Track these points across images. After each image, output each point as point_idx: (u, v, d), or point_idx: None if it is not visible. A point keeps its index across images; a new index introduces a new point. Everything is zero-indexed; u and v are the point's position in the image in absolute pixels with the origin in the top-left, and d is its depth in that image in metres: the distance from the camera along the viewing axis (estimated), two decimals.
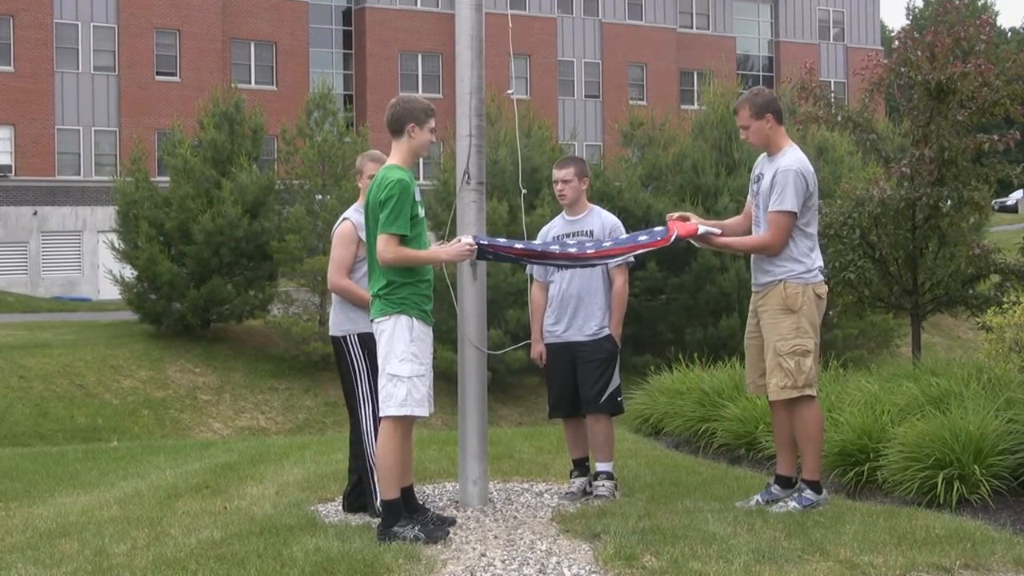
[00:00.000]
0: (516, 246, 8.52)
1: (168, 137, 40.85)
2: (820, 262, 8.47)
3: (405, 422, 7.66)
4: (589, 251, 8.55)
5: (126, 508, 9.75)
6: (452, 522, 7.97)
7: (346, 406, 8.94)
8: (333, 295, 8.81)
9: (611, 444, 9.26)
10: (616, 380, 9.20)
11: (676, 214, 8.53)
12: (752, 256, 8.62)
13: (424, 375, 7.66)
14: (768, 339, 8.35)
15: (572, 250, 8.58)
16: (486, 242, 8.27)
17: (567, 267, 9.00)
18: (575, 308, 9.17)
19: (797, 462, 8.79)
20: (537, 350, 9.40)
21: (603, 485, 9.11)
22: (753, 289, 8.60)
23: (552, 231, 9.44)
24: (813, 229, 8.46)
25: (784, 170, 8.29)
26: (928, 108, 16.09)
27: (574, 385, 9.20)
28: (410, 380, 7.57)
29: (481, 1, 8.94)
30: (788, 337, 8.25)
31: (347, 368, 8.65)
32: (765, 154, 8.58)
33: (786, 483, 8.60)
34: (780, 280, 8.30)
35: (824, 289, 8.48)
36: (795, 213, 8.24)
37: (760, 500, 8.52)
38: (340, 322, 8.65)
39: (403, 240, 7.60)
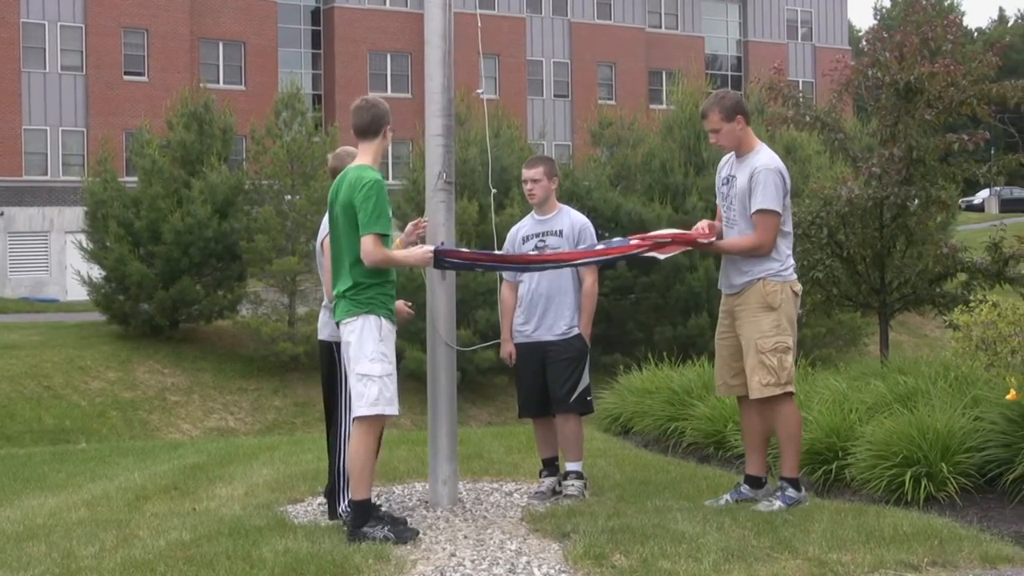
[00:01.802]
0: (475, 257, 8.64)
1: (136, 137, 40.70)
2: (792, 260, 8.51)
3: (378, 421, 7.67)
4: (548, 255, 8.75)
5: (94, 510, 9.72)
6: (403, 522, 7.88)
7: (325, 409, 8.87)
8: (324, 300, 8.73)
9: (580, 443, 9.27)
10: (586, 379, 9.21)
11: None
12: (724, 258, 8.64)
13: (392, 374, 7.69)
14: (748, 337, 8.34)
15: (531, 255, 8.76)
16: (448, 247, 8.33)
17: (523, 270, 9.09)
18: (545, 308, 9.17)
19: (767, 462, 8.84)
20: (507, 350, 9.40)
21: (573, 484, 9.11)
22: (725, 292, 8.60)
23: (522, 231, 9.44)
24: (789, 227, 8.49)
25: (764, 169, 8.30)
26: (896, 108, 16.16)
27: (544, 384, 9.21)
28: (381, 379, 7.60)
29: (450, 1, 8.93)
30: (769, 334, 8.26)
31: (331, 373, 8.59)
32: (733, 155, 8.58)
33: (756, 483, 8.63)
34: (759, 279, 8.32)
35: (799, 287, 8.52)
36: (779, 210, 8.27)
37: (730, 499, 8.54)
38: (332, 328, 8.51)
39: (384, 240, 7.66)
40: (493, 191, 10.84)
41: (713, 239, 8.40)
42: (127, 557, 7.27)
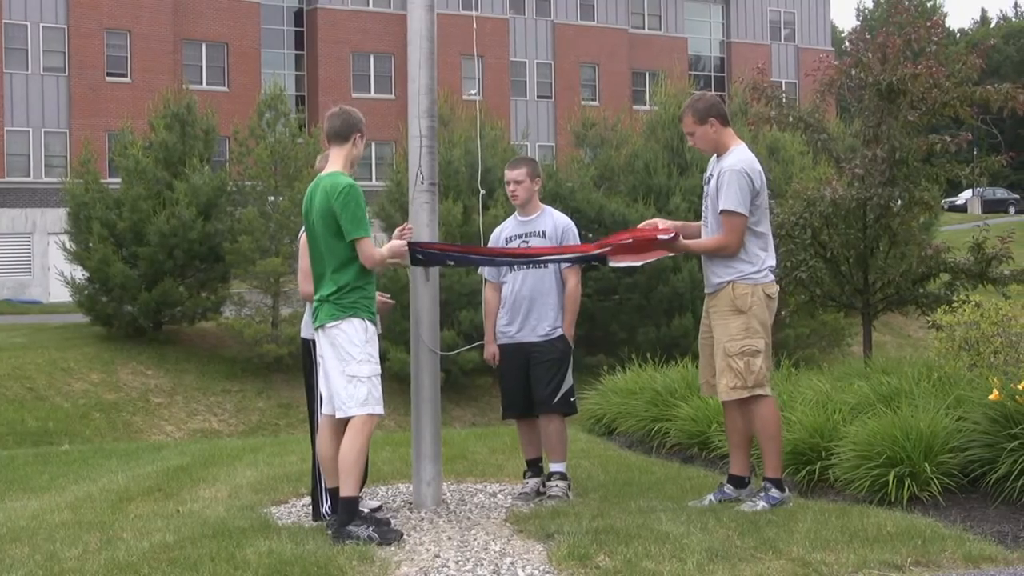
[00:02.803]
0: (446, 248, 8.69)
1: (119, 139, 40.58)
2: (772, 262, 8.48)
3: (370, 420, 7.70)
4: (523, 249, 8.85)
5: (77, 512, 9.68)
6: (387, 523, 7.87)
7: (308, 408, 8.88)
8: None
9: (564, 444, 9.27)
10: (569, 380, 9.22)
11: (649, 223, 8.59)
12: (703, 258, 8.65)
13: (379, 375, 7.74)
14: (718, 340, 8.37)
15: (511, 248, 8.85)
16: (424, 240, 8.39)
17: (491, 263, 9.15)
18: (528, 309, 9.17)
19: (751, 462, 8.85)
20: (490, 351, 9.40)
21: (556, 485, 9.11)
22: (706, 292, 8.63)
23: (504, 232, 9.45)
24: (764, 228, 8.46)
25: (729, 170, 8.32)
26: (879, 109, 16.20)
27: (527, 385, 9.21)
28: (369, 380, 7.68)
29: (433, 1, 8.93)
30: (737, 337, 8.27)
31: (310, 371, 8.60)
32: (716, 155, 8.61)
33: (739, 483, 8.64)
34: (729, 281, 8.33)
35: (774, 289, 8.50)
36: (743, 211, 8.26)
37: (713, 499, 8.54)
38: (311, 325, 8.53)
39: None
40: (482, 192, 10.86)
41: (673, 232, 8.40)
42: (110, 559, 7.25)
